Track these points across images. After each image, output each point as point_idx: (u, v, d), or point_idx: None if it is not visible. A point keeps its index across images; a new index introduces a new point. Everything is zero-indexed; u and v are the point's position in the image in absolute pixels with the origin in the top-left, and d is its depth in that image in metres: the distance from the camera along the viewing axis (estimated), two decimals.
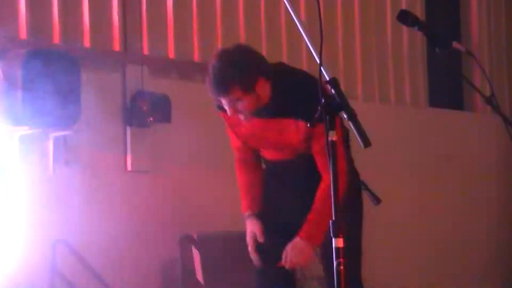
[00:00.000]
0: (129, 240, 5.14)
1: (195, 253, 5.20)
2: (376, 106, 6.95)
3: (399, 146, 7.04)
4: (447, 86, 7.89)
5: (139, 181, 5.33)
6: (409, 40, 7.33)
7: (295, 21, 2.67)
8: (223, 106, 3.40)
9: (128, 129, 5.31)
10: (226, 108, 3.38)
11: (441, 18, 8.02)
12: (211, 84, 3.33)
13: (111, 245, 5.04)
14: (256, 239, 3.62)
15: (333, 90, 2.45)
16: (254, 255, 3.65)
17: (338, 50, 6.76)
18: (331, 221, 2.39)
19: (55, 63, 4.55)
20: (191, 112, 5.49)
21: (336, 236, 2.37)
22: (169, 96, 5.31)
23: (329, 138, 2.41)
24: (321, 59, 2.49)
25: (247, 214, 3.72)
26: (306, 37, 2.60)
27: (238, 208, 3.84)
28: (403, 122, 7.20)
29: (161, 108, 5.28)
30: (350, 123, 2.44)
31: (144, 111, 5.22)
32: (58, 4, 5.03)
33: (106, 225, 4.99)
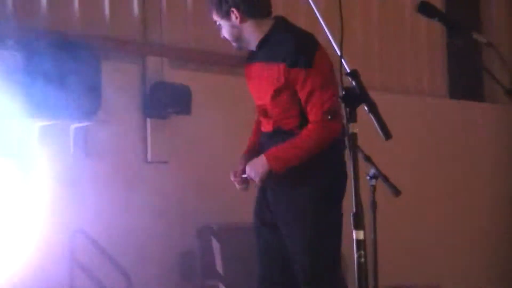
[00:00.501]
0: (148, 230, 5.15)
1: (215, 244, 5.22)
2: (394, 97, 6.91)
3: (417, 138, 7.01)
4: (467, 77, 7.84)
5: (159, 172, 5.34)
6: (428, 30, 7.29)
7: (316, 13, 2.66)
8: (248, 59, 3.78)
9: (148, 121, 5.33)
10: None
11: (461, 9, 7.96)
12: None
13: (130, 235, 5.06)
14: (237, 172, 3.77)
15: (354, 82, 2.44)
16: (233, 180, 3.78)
17: (357, 39, 6.73)
18: (352, 213, 2.37)
19: (76, 55, 4.57)
20: (211, 103, 5.48)
21: (357, 229, 2.36)
22: (190, 87, 5.32)
23: (350, 131, 2.38)
24: (342, 51, 2.49)
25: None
26: (326, 28, 2.60)
27: None
28: (422, 113, 7.16)
29: (182, 100, 5.29)
30: (371, 115, 2.42)
31: (164, 103, 5.23)
32: None
33: (125, 216, 5.01)
